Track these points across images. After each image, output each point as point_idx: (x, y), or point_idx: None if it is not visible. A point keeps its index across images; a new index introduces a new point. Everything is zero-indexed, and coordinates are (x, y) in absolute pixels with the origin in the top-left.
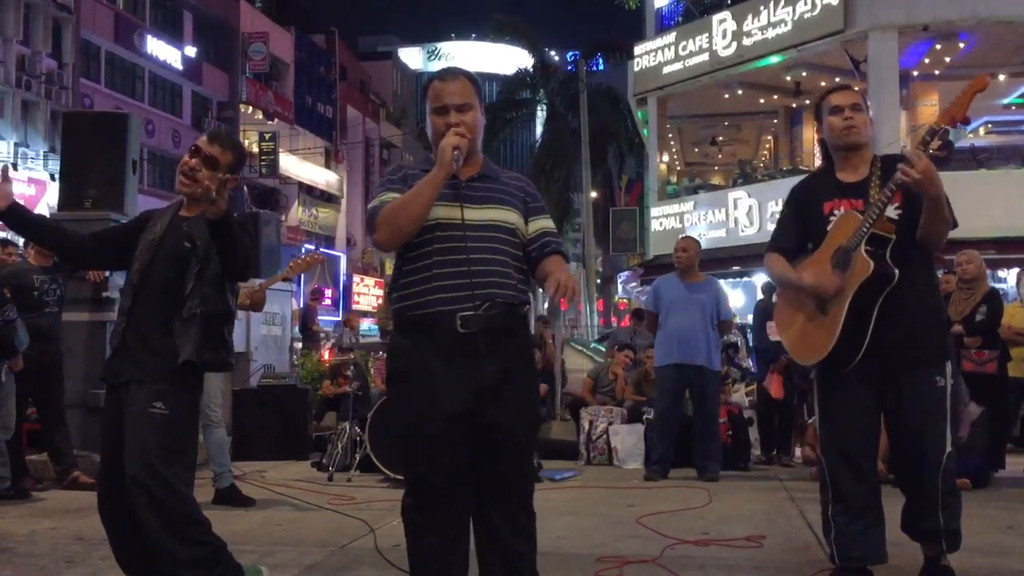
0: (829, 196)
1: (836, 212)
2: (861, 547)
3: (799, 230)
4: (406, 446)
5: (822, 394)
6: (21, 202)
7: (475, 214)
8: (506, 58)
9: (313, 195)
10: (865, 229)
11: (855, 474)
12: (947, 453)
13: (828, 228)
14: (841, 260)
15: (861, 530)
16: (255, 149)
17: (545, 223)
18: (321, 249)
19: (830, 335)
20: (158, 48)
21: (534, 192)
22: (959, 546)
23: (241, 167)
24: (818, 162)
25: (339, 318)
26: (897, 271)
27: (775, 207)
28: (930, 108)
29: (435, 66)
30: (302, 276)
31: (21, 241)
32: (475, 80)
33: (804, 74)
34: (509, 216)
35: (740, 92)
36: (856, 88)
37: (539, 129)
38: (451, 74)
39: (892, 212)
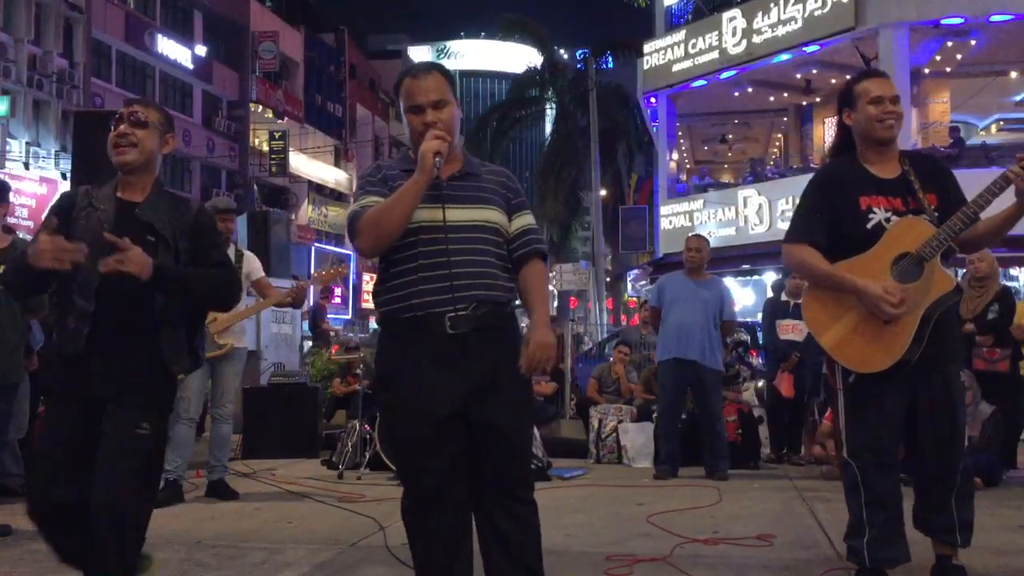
0: (865, 191)
1: (875, 209)
2: (893, 549)
3: (828, 222)
4: (400, 448)
5: (855, 397)
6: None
7: (457, 215)
8: (515, 56)
9: (323, 194)
10: (944, 240)
11: (890, 476)
12: (963, 447)
13: (868, 226)
14: (909, 268)
15: (896, 531)
16: (265, 148)
17: (526, 219)
18: (331, 248)
19: (897, 346)
20: (169, 47)
21: (516, 187)
22: (971, 539)
23: (171, 125)
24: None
25: (348, 316)
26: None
27: (785, 205)
28: (941, 105)
29: (445, 64)
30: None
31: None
32: (448, 74)
33: (814, 71)
34: (492, 215)
35: (750, 90)
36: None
37: (548, 127)
38: (423, 70)
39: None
